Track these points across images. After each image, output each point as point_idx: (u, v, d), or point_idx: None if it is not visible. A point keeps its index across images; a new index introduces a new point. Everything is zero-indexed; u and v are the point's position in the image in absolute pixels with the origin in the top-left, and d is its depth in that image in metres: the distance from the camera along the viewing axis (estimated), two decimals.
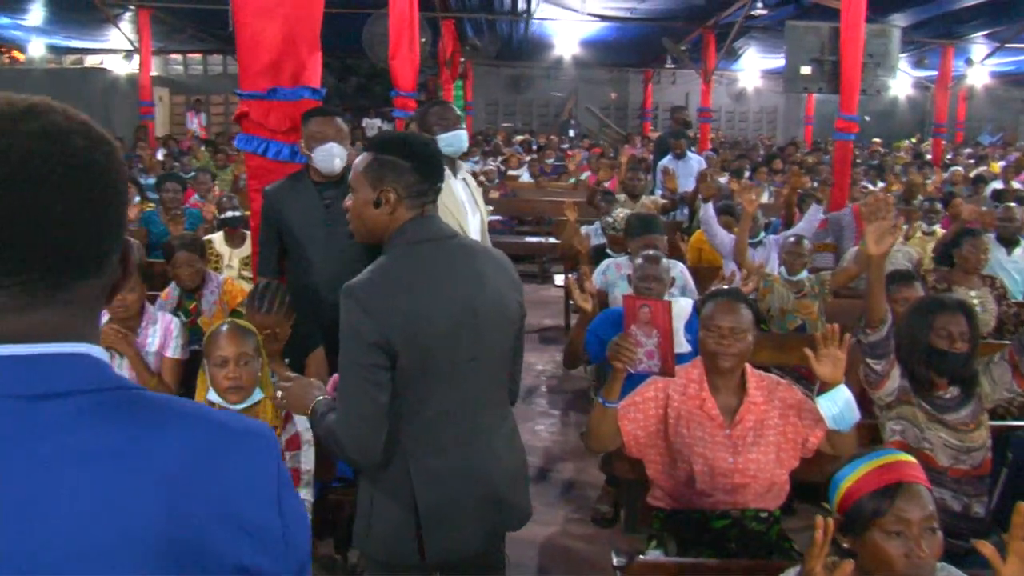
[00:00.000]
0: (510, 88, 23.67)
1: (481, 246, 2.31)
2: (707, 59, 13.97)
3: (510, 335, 2.24)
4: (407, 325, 2.01)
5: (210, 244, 5.45)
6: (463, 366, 2.10)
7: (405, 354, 2.01)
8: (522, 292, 2.30)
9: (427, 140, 2.26)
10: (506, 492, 2.23)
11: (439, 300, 2.06)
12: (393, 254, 2.10)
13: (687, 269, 5.01)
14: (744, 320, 2.73)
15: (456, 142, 3.74)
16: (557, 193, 11.00)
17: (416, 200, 2.10)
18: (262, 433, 0.92)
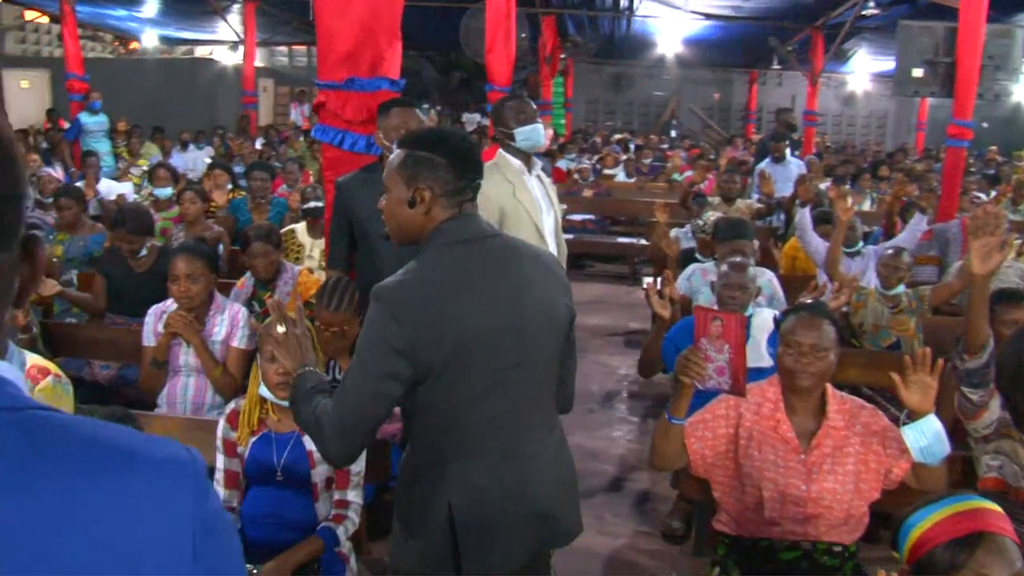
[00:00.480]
0: (611, 86, 23.41)
1: (527, 245, 2.16)
2: (815, 60, 13.46)
3: (558, 340, 2.10)
4: (443, 333, 1.88)
5: (292, 234, 5.47)
6: (506, 373, 1.97)
7: (440, 363, 1.89)
8: (570, 294, 2.16)
9: (464, 135, 2.14)
10: (553, 506, 2.09)
11: (478, 304, 1.93)
12: (428, 256, 1.98)
13: (777, 277, 4.77)
14: (826, 337, 2.53)
15: (533, 136, 3.62)
16: (653, 193, 10.76)
17: (453, 199, 1.98)
18: (176, 462, 0.78)
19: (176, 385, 3.49)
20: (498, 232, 2.09)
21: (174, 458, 0.78)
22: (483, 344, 1.92)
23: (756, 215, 7.18)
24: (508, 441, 2.01)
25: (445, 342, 1.88)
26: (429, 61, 23.61)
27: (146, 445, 0.78)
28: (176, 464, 0.78)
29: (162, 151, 11.62)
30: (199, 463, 0.80)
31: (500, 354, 1.95)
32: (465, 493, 1.97)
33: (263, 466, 2.61)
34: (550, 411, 2.15)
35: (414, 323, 1.87)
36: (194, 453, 0.81)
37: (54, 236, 5.50)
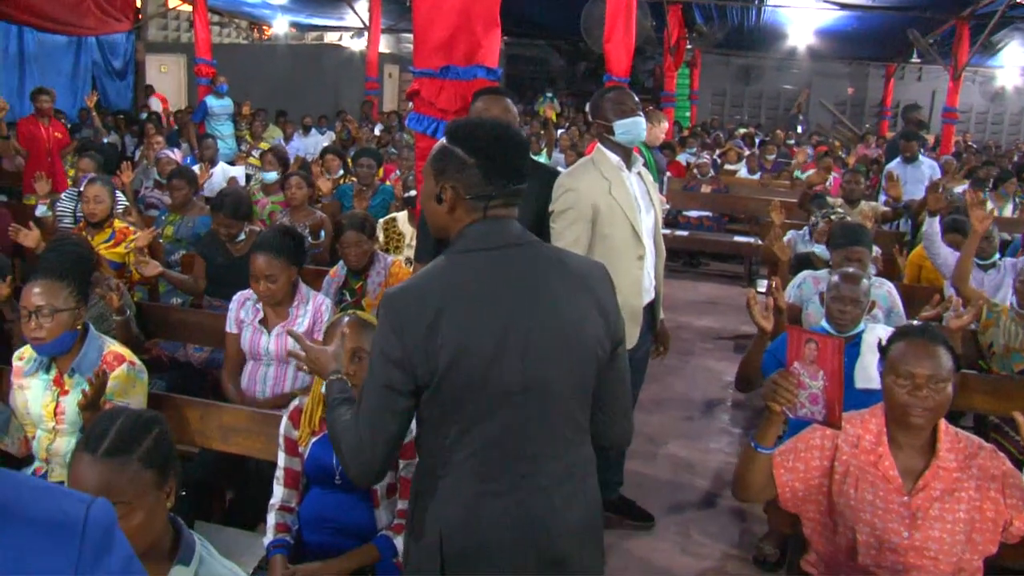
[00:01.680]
0: (739, 79, 22.77)
1: (560, 256, 1.92)
2: (959, 53, 12.63)
3: (583, 364, 1.84)
4: (439, 346, 1.72)
5: (394, 222, 5.42)
6: (511, 397, 1.76)
7: (436, 378, 1.74)
8: (615, 314, 1.91)
9: (511, 134, 1.87)
10: (565, 549, 1.85)
11: (480, 318, 1.74)
12: (442, 262, 1.82)
13: (899, 288, 4.41)
14: (944, 367, 2.23)
15: (633, 130, 3.42)
16: (774, 191, 10.32)
17: (477, 202, 1.80)
18: (58, 524, 0.66)
19: (256, 373, 3.45)
20: (529, 240, 1.87)
21: (61, 519, 0.65)
22: (482, 363, 1.73)
23: (881, 219, 6.75)
24: (514, 473, 1.80)
25: (440, 356, 1.72)
26: (556, 50, 23.50)
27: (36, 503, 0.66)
28: (61, 526, 0.65)
29: (284, 135, 11.86)
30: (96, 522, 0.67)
31: (502, 375, 1.75)
32: (457, 524, 1.80)
33: (322, 468, 2.52)
34: (573, 445, 1.89)
35: (411, 333, 1.73)
36: (95, 510, 0.68)
37: (167, 216, 5.62)
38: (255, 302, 3.48)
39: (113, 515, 0.72)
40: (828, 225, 5.34)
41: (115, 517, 0.72)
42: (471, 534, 1.79)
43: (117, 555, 0.70)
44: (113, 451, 1.67)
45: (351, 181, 7.00)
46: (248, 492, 3.14)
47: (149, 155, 8.10)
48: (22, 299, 2.80)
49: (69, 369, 2.87)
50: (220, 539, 2.74)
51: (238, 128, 11.05)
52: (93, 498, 0.71)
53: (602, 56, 8.04)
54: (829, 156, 10.88)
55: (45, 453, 2.90)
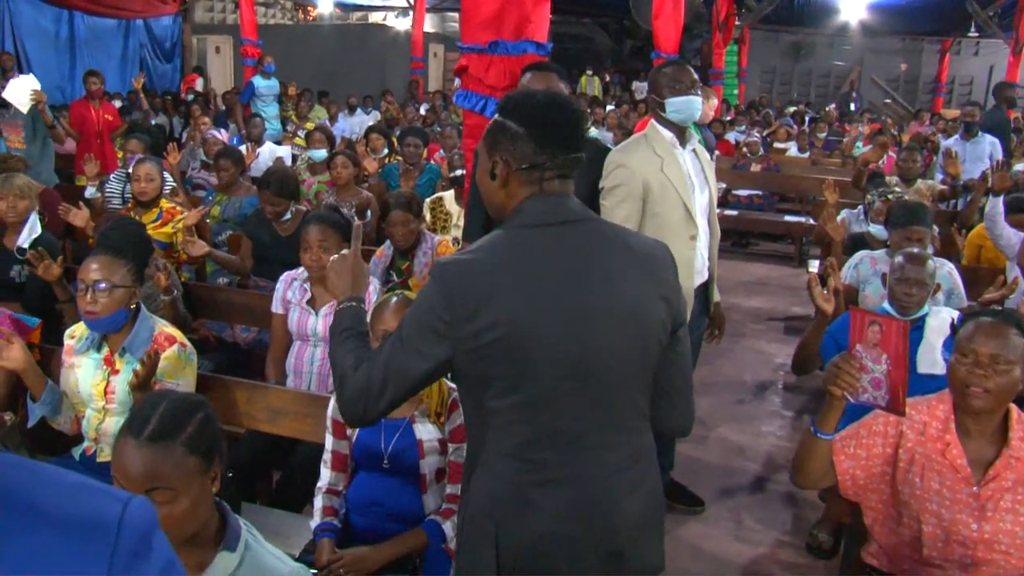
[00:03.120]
0: (788, 55, 22.33)
1: (621, 235, 1.81)
2: (1020, 26, 12.24)
3: (643, 347, 1.75)
4: (490, 323, 1.64)
5: (440, 202, 5.38)
6: (567, 381, 1.69)
7: (483, 356, 1.67)
8: (677, 296, 1.80)
9: (555, 101, 1.78)
10: (624, 543, 1.77)
11: (532, 296, 1.66)
12: (497, 236, 1.74)
13: (958, 270, 4.26)
14: (1013, 349, 2.13)
15: (686, 109, 3.32)
16: (826, 170, 10.10)
17: (531, 173, 1.72)
18: (93, 526, 0.61)
19: (303, 354, 3.43)
20: (588, 217, 1.78)
21: (93, 520, 0.60)
22: (539, 344, 1.66)
23: (939, 197, 6.56)
24: (572, 460, 1.72)
25: (487, 334, 1.65)
26: (603, 28, 23.26)
27: (68, 502, 0.61)
28: (93, 528, 0.60)
29: (329, 115, 11.86)
30: (132, 524, 0.62)
31: (561, 358, 1.67)
32: (514, 512, 1.73)
33: (370, 452, 2.49)
34: (633, 432, 1.80)
35: (461, 305, 1.66)
36: (132, 511, 0.63)
37: (214, 196, 5.63)
38: (303, 282, 3.46)
39: (154, 516, 0.67)
40: (886, 204, 5.19)
41: (156, 518, 0.67)
42: (527, 525, 1.72)
43: (156, 560, 0.66)
44: (157, 436, 1.64)
45: (396, 160, 6.97)
46: (296, 474, 3.12)
47: (196, 136, 8.14)
48: (80, 272, 2.81)
49: (120, 349, 2.86)
50: (267, 521, 2.74)
51: (283, 109, 11.08)
52: (131, 496, 0.67)
53: (649, 34, 7.92)
54: (883, 134, 10.60)
55: (95, 433, 2.91)
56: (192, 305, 4.15)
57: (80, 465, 2.92)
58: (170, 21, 14.79)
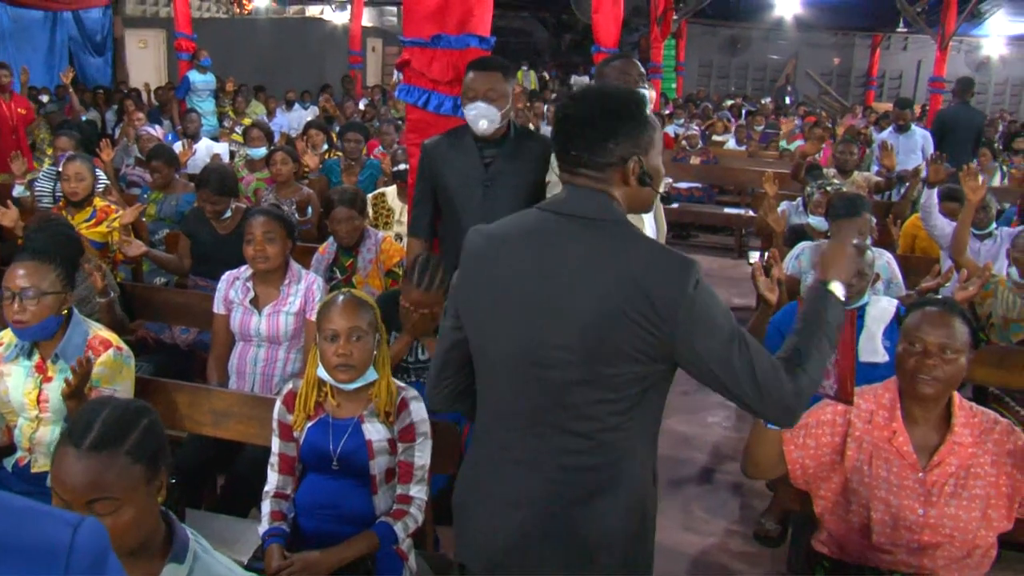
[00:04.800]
0: (725, 49, 22.62)
1: (620, 241, 1.69)
2: (946, 22, 12.53)
3: (600, 351, 1.65)
4: (469, 297, 1.80)
5: (383, 198, 5.32)
6: (526, 370, 1.71)
7: (468, 332, 1.81)
8: (669, 311, 1.63)
9: (567, 98, 1.79)
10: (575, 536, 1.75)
11: (504, 279, 1.73)
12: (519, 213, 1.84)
13: (895, 259, 4.35)
14: (958, 337, 2.18)
15: None
16: (764, 162, 10.25)
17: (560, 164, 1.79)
18: (43, 551, 0.57)
19: (246, 355, 3.36)
20: (592, 216, 1.71)
21: (43, 547, 0.57)
22: (499, 328, 1.75)
23: (875, 189, 6.69)
24: (524, 457, 1.77)
25: (466, 308, 1.81)
26: (541, 22, 23.29)
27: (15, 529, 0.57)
28: (43, 555, 0.56)
29: (267, 110, 11.67)
30: (83, 548, 0.59)
31: (517, 345, 1.72)
32: (467, 490, 1.89)
33: (319, 453, 2.44)
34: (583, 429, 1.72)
35: (461, 277, 1.83)
36: (82, 535, 0.59)
37: (150, 194, 5.49)
38: (245, 280, 3.39)
39: (105, 537, 0.63)
40: (825, 196, 5.27)
41: (107, 539, 0.63)
42: (477, 506, 1.84)
43: None
44: (99, 445, 1.56)
45: (337, 156, 6.87)
46: (241, 479, 3.04)
47: (129, 132, 7.92)
48: (5, 280, 2.69)
49: (53, 355, 2.76)
50: (212, 527, 2.67)
51: (220, 104, 10.86)
52: (81, 519, 0.63)
53: (588, 28, 7.95)
54: (818, 127, 10.79)
55: (28, 442, 2.80)
56: (129, 306, 4.03)
57: (13, 476, 2.80)
58: (100, 14, 14.35)
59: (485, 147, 3.33)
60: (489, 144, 3.33)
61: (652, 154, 1.74)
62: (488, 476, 1.82)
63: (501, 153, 3.34)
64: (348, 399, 2.47)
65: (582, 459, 1.72)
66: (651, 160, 1.73)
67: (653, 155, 1.74)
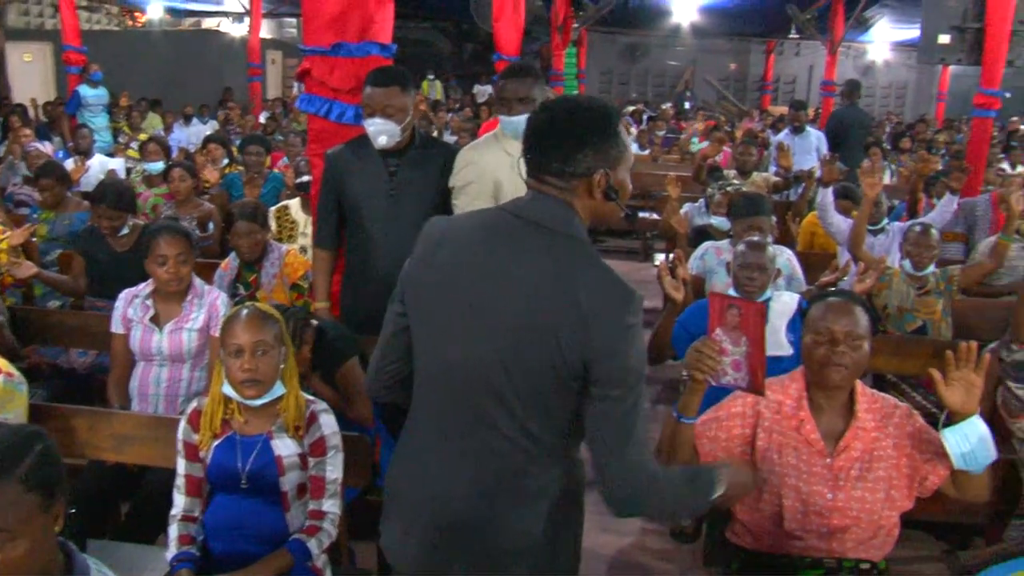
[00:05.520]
0: (625, 56, 23.01)
1: (564, 255, 1.68)
2: (834, 29, 13.05)
3: (530, 368, 1.65)
4: (415, 285, 1.80)
5: (286, 211, 5.22)
6: (460, 366, 1.71)
7: (411, 320, 1.81)
8: (603, 341, 1.62)
9: (540, 106, 1.78)
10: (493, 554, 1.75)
11: (450, 273, 1.73)
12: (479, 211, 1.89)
13: (795, 256, 4.48)
14: (861, 324, 2.26)
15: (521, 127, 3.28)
16: (666, 166, 10.45)
17: None
18: None
19: (148, 375, 3.24)
20: (505, 212, 1.75)
21: None
22: (435, 316, 1.76)
23: (773, 189, 6.87)
24: (447, 455, 1.77)
25: (408, 295, 1.81)
26: (442, 32, 23.27)
27: None
28: None
29: (164, 125, 11.35)
30: None
31: (448, 344, 1.73)
32: (393, 471, 1.89)
33: (227, 472, 2.36)
34: (521, 452, 1.70)
35: (410, 263, 1.82)
36: None
37: (40, 214, 5.26)
38: (144, 298, 3.27)
39: None
40: (726, 197, 5.40)
41: None
42: (397, 480, 1.86)
43: None
44: None
45: (237, 170, 6.72)
46: (146, 504, 2.93)
47: (15, 149, 7.59)
48: None
49: None
50: (117, 557, 2.57)
51: (115, 119, 10.52)
52: None
53: (489, 37, 7.97)
54: (718, 130, 11.05)
55: None
56: (20, 331, 3.84)
57: None
58: None
59: (389, 156, 3.31)
60: (393, 153, 3.31)
61: (620, 169, 1.73)
62: (415, 471, 1.81)
63: (405, 162, 3.32)
64: (255, 415, 2.41)
65: (509, 462, 1.71)
66: (618, 175, 1.72)
67: (621, 170, 1.73)
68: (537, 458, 1.71)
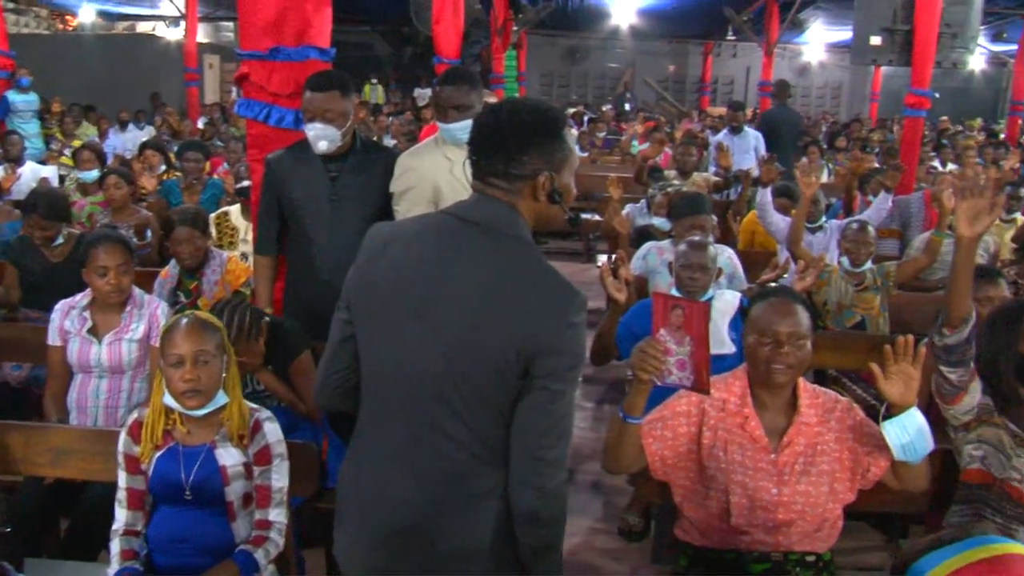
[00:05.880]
0: (565, 59, 23.13)
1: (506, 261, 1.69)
2: (770, 31, 13.30)
3: (474, 371, 1.65)
4: (359, 292, 1.78)
5: (226, 217, 5.15)
6: (407, 370, 1.70)
7: (356, 327, 1.79)
8: (539, 344, 1.63)
9: (486, 108, 1.78)
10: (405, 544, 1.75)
11: (393, 278, 1.73)
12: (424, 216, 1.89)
13: (736, 255, 4.54)
14: (803, 324, 2.30)
15: (460, 135, 3.17)
16: (607, 167, 10.52)
17: None
18: None
19: (87, 387, 3.17)
20: (456, 215, 1.74)
21: None
22: (380, 322, 1.75)
23: (714, 188, 6.97)
24: (392, 457, 1.77)
25: (353, 302, 1.80)
26: (381, 36, 23.14)
27: None
28: None
29: (99, 131, 11.10)
30: None
31: (396, 348, 1.72)
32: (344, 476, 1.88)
33: (170, 484, 2.32)
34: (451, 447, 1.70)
35: (355, 268, 1.80)
36: None
37: None
38: (81, 310, 3.19)
39: None
40: (667, 197, 5.45)
41: None
42: (348, 485, 1.85)
43: None
44: None
45: (176, 176, 6.62)
46: (87, 519, 2.85)
47: None
48: None
49: None
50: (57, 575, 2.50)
51: (46, 126, 10.25)
52: None
53: (429, 40, 7.94)
54: (658, 131, 11.18)
55: None
56: None
57: None
58: None
59: (330, 161, 3.30)
60: (334, 158, 3.29)
61: (564, 172, 1.73)
62: (366, 475, 1.80)
63: (347, 167, 3.31)
64: (198, 425, 2.37)
65: (457, 465, 1.71)
66: (563, 178, 1.73)
67: (565, 173, 1.74)
68: (485, 460, 1.71)
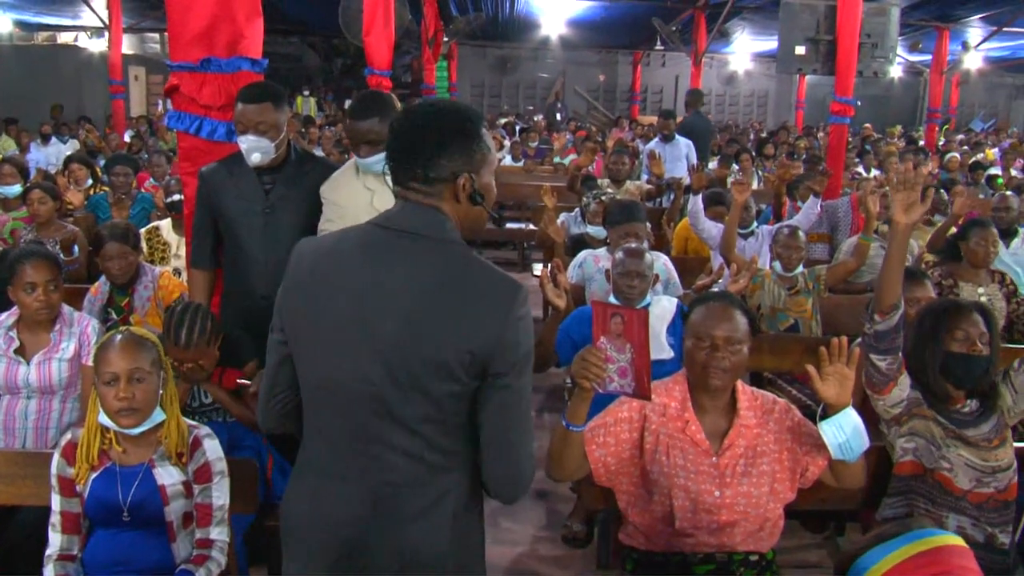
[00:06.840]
0: (496, 69, 23.27)
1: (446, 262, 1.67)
2: (698, 41, 13.54)
3: (422, 375, 1.63)
4: (291, 312, 1.74)
5: (157, 232, 5.04)
6: (347, 386, 1.67)
7: (292, 347, 1.75)
8: (492, 340, 1.62)
9: (401, 112, 1.75)
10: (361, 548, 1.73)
11: (325, 294, 1.68)
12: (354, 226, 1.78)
13: (671, 261, 4.61)
14: (740, 329, 2.34)
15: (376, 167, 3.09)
16: (540, 177, 10.59)
17: None
18: None
19: (14, 409, 3.07)
20: (386, 225, 1.70)
21: None
22: (316, 340, 1.70)
23: (647, 196, 7.06)
24: (339, 470, 1.73)
25: (288, 320, 1.75)
26: (311, 47, 22.97)
27: None
28: None
29: (19, 145, 10.79)
30: None
31: (314, 359, 1.71)
32: (289, 499, 1.82)
33: (107, 505, 2.26)
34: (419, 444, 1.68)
35: (283, 289, 1.76)
36: None
37: None
38: (7, 329, 3.09)
39: None
40: (601, 206, 5.51)
41: None
42: (295, 504, 1.79)
43: None
44: None
45: (103, 191, 6.46)
46: (18, 545, 2.76)
47: None
48: None
49: None
50: None
51: None
52: None
53: (360, 51, 7.89)
54: (590, 140, 11.29)
55: None
56: None
57: None
58: None
59: (264, 173, 3.26)
60: (268, 170, 3.25)
61: (484, 172, 1.72)
62: (313, 493, 1.75)
63: (281, 179, 3.27)
64: (135, 444, 2.31)
65: (405, 476, 1.69)
66: (483, 178, 1.71)
67: (485, 173, 1.72)
68: (439, 467, 1.70)
